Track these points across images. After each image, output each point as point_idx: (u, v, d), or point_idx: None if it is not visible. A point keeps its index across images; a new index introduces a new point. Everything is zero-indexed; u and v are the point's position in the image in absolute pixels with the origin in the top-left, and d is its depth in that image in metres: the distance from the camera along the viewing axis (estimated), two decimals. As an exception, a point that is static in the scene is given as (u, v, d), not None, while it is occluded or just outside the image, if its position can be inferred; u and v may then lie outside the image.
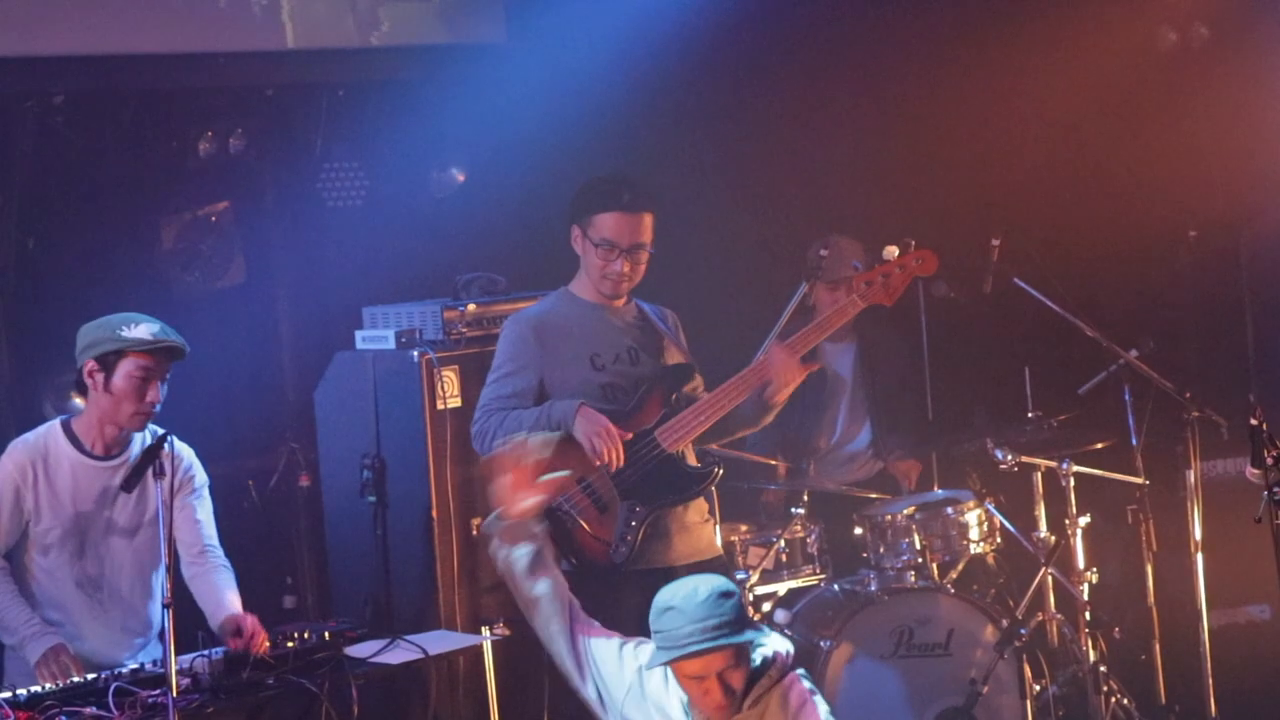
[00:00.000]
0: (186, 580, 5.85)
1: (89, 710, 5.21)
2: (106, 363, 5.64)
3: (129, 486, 5.60)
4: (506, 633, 6.70)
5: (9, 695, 5.24)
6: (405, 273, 7.72)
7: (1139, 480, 7.19)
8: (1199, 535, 7.10)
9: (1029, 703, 6.92)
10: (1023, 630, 6.89)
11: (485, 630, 6.63)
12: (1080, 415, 7.38)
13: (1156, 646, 7.22)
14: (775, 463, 7.40)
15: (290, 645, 5.56)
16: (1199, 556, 7.10)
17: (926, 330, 7.98)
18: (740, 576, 6.91)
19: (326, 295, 7.92)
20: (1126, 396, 7.18)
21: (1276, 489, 5.50)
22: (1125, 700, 7.08)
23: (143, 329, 5.65)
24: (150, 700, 5.25)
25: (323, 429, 7.26)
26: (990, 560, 7.43)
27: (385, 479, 6.96)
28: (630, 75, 7.89)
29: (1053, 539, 7.14)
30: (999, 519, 7.22)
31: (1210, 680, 7.12)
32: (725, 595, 4.87)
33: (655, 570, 5.75)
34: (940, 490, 7.53)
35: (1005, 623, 6.94)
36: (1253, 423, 5.56)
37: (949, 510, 7.20)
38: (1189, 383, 7.19)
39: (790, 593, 7.21)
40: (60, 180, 7.34)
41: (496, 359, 6.13)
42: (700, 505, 6.13)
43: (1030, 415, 7.41)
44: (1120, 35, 8.38)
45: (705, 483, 6.07)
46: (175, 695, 5.14)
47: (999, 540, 7.27)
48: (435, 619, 6.72)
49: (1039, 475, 7.25)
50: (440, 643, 6.03)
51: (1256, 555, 6.09)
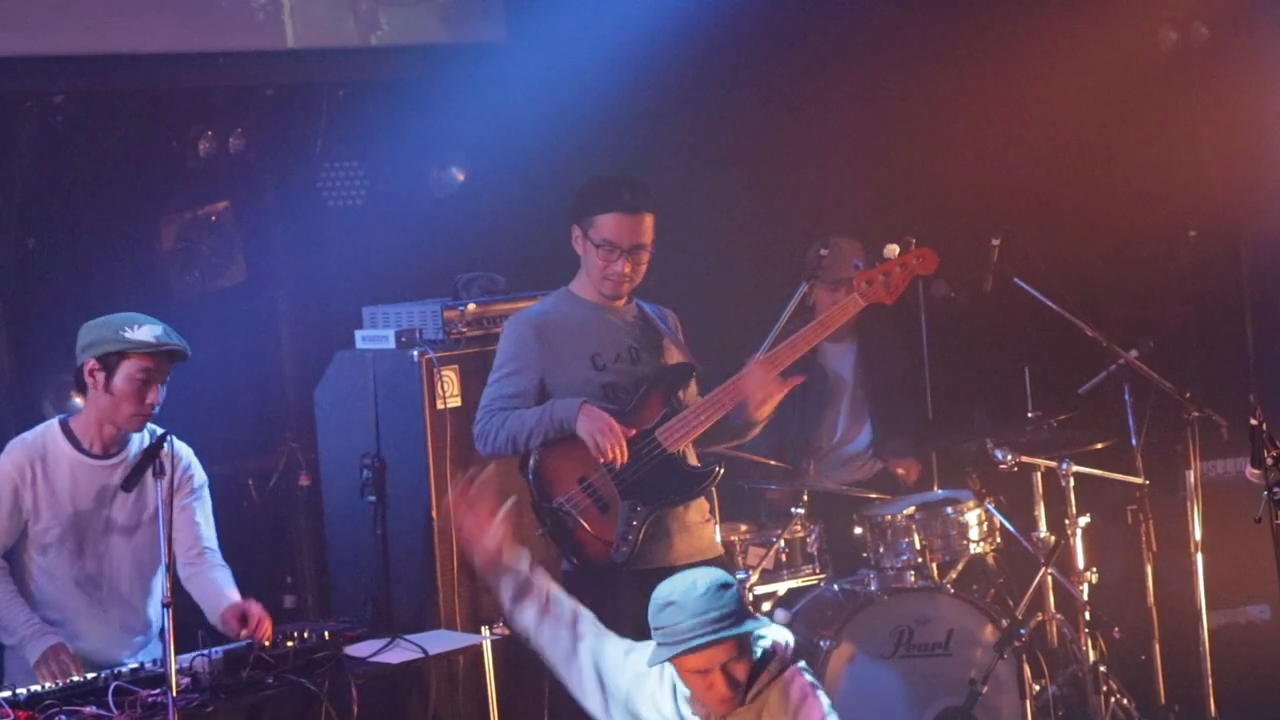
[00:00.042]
0: (183, 580, 5.83)
1: (89, 709, 5.20)
2: (108, 363, 5.63)
3: (129, 486, 5.59)
4: (506, 632, 6.68)
5: (9, 694, 5.23)
6: (405, 272, 7.72)
7: (1139, 480, 7.19)
8: (1199, 535, 7.10)
9: (1029, 703, 6.92)
10: (1022, 630, 6.89)
11: (485, 630, 6.62)
12: (1080, 415, 7.38)
13: (1156, 646, 7.21)
14: (775, 463, 7.39)
15: (290, 644, 5.55)
16: (1199, 556, 7.09)
17: (926, 330, 7.97)
18: (740, 576, 6.91)
19: (326, 295, 7.92)
20: (1126, 396, 7.18)
21: (1276, 489, 5.49)
22: (1125, 700, 7.08)
23: (146, 331, 5.64)
24: (150, 699, 5.25)
25: (323, 428, 7.26)
26: (990, 560, 7.43)
27: (385, 478, 6.95)
28: (630, 75, 7.88)
29: (1052, 539, 7.14)
30: (999, 519, 7.21)
31: (1210, 680, 7.11)
32: (724, 587, 4.86)
33: (656, 570, 5.72)
34: (940, 490, 7.52)
35: (1005, 623, 6.94)
36: (1253, 423, 5.55)
37: (949, 510, 7.20)
38: (1189, 383, 7.18)
39: (790, 592, 7.21)
40: (60, 180, 7.34)
41: (498, 359, 6.12)
42: (701, 505, 6.13)
43: (1030, 415, 7.41)
44: (1120, 35, 8.38)
45: (706, 482, 6.06)
46: (175, 694, 5.13)
47: (999, 540, 7.27)
48: (435, 618, 6.71)
49: (1039, 475, 7.25)
50: (440, 642, 6.03)
51: (1256, 555, 6.08)
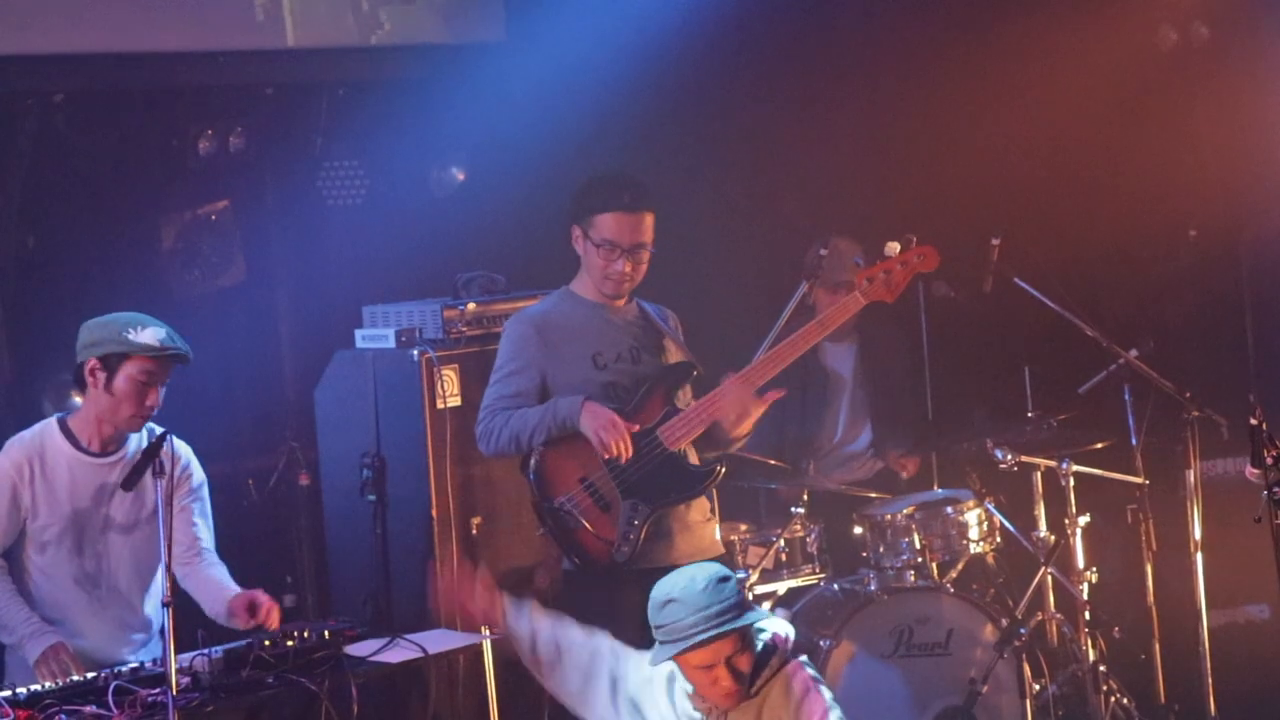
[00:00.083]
0: (178, 578, 5.81)
1: (89, 709, 5.20)
2: (109, 363, 5.63)
3: (129, 486, 5.59)
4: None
5: (9, 694, 5.23)
6: (405, 272, 7.71)
7: (1139, 480, 7.19)
8: (1199, 535, 7.10)
9: (1028, 702, 6.91)
10: (1022, 630, 6.89)
11: (485, 629, 6.61)
12: (1080, 415, 7.37)
13: (1156, 646, 7.22)
14: (775, 462, 7.39)
15: (290, 644, 5.54)
16: (1199, 556, 7.09)
17: (927, 330, 7.98)
18: (740, 575, 6.91)
19: (326, 294, 7.91)
20: (1126, 396, 7.18)
21: (1276, 488, 5.49)
22: (1125, 700, 7.08)
23: (149, 334, 5.63)
24: (150, 699, 5.24)
25: (323, 428, 7.25)
26: (990, 560, 7.42)
27: (385, 478, 6.95)
28: (630, 74, 7.88)
29: (1052, 538, 7.14)
30: (999, 518, 7.21)
31: (1210, 680, 7.11)
32: (723, 580, 4.87)
33: (657, 569, 5.68)
34: (940, 490, 7.52)
35: (1005, 622, 6.94)
36: (1252, 422, 5.55)
37: (949, 510, 7.20)
38: (1189, 382, 7.18)
39: (790, 592, 7.21)
40: (60, 179, 7.34)
41: (499, 359, 6.11)
42: (702, 504, 6.12)
43: (1030, 415, 7.41)
44: (1120, 35, 8.38)
45: (708, 481, 6.06)
46: (175, 694, 5.13)
47: (999, 540, 7.27)
48: (435, 618, 6.70)
49: (1039, 475, 7.25)
50: (440, 642, 6.02)
51: (1256, 555, 6.08)
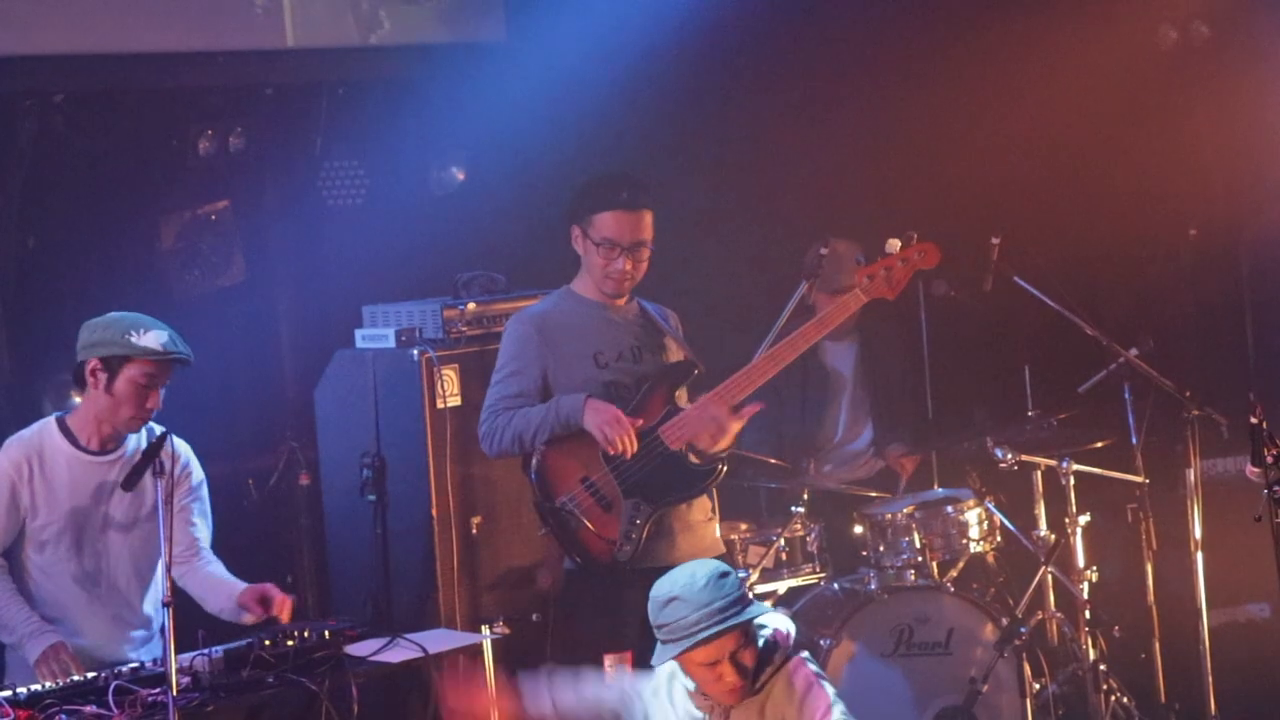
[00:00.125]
0: (177, 577, 5.81)
1: (89, 709, 5.20)
2: (111, 365, 5.62)
3: (129, 485, 5.59)
4: (506, 631, 6.69)
5: (9, 694, 5.23)
6: (405, 271, 7.71)
7: (1139, 479, 7.19)
8: (1199, 534, 7.09)
9: (1029, 701, 6.92)
10: (1022, 629, 6.89)
11: (485, 629, 6.61)
12: (1080, 414, 7.37)
13: (1156, 645, 7.22)
14: (775, 461, 7.39)
15: (290, 643, 5.55)
16: (1199, 555, 7.09)
17: (927, 329, 7.98)
18: (740, 574, 6.90)
19: (326, 294, 7.91)
20: (1126, 395, 7.18)
21: (1276, 487, 5.49)
22: (1125, 699, 7.08)
23: (152, 337, 5.62)
24: (150, 698, 5.25)
25: (323, 428, 7.26)
26: (990, 559, 7.43)
27: (385, 478, 6.95)
28: (630, 74, 7.88)
29: (1053, 538, 7.14)
30: (999, 518, 7.21)
31: (1210, 679, 7.11)
32: (724, 575, 4.89)
33: (659, 568, 5.66)
34: (940, 489, 7.52)
35: (1005, 621, 6.94)
36: (1253, 421, 5.55)
37: (949, 509, 7.20)
38: (1189, 381, 7.18)
39: (790, 591, 7.21)
40: (60, 179, 7.33)
41: (500, 359, 6.11)
42: (703, 503, 6.11)
43: (1030, 414, 7.42)
44: (1121, 34, 8.38)
45: (709, 480, 6.05)
46: (175, 693, 5.13)
47: (999, 539, 7.27)
48: (435, 617, 6.71)
49: (1039, 474, 7.25)
50: (440, 641, 6.02)
51: (1256, 554, 6.07)
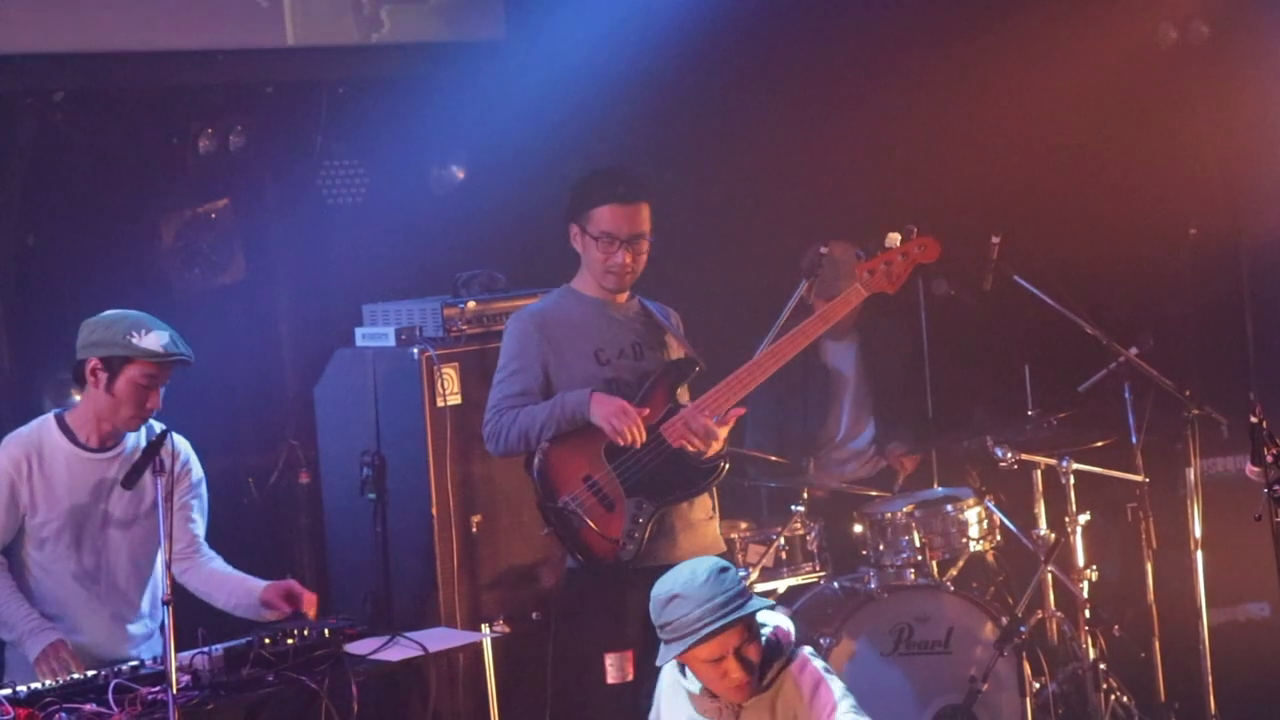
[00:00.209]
0: (177, 575, 5.82)
1: (89, 707, 5.20)
2: (111, 365, 5.62)
3: (130, 483, 5.59)
4: (506, 630, 6.71)
5: (9, 692, 5.24)
6: (405, 270, 7.71)
7: (1139, 478, 7.19)
8: (1199, 533, 7.09)
9: (1028, 700, 6.92)
10: (1022, 628, 6.89)
11: (485, 627, 6.62)
12: (1080, 413, 7.37)
13: (1156, 644, 7.21)
14: (776, 459, 7.39)
15: (290, 642, 5.55)
16: (1199, 554, 7.09)
17: (927, 328, 7.97)
18: (740, 573, 6.89)
19: (326, 292, 7.91)
20: (1126, 394, 7.17)
21: (1276, 486, 5.49)
22: (1125, 698, 7.08)
23: (153, 338, 5.62)
24: (150, 697, 5.25)
25: (323, 426, 7.25)
26: (990, 558, 7.43)
27: (385, 476, 6.95)
28: (629, 72, 7.88)
29: (1053, 537, 7.14)
30: (999, 516, 7.21)
31: (1210, 678, 7.11)
32: (724, 571, 4.89)
33: (660, 567, 5.64)
34: (940, 488, 7.52)
35: (1005, 620, 6.94)
36: (1253, 420, 5.55)
37: (949, 508, 7.20)
38: (1189, 380, 7.18)
39: (790, 590, 7.21)
40: (60, 177, 7.34)
41: (502, 358, 6.10)
42: (704, 501, 6.10)
43: (1030, 413, 7.41)
44: (1121, 33, 8.38)
45: (712, 478, 6.02)
46: (175, 692, 5.13)
47: (999, 538, 7.27)
48: (435, 616, 6.71)
49: (1039, 473, 7.24)
50: (440, 640, 6.02)
51: (1256, 553, 6.08)
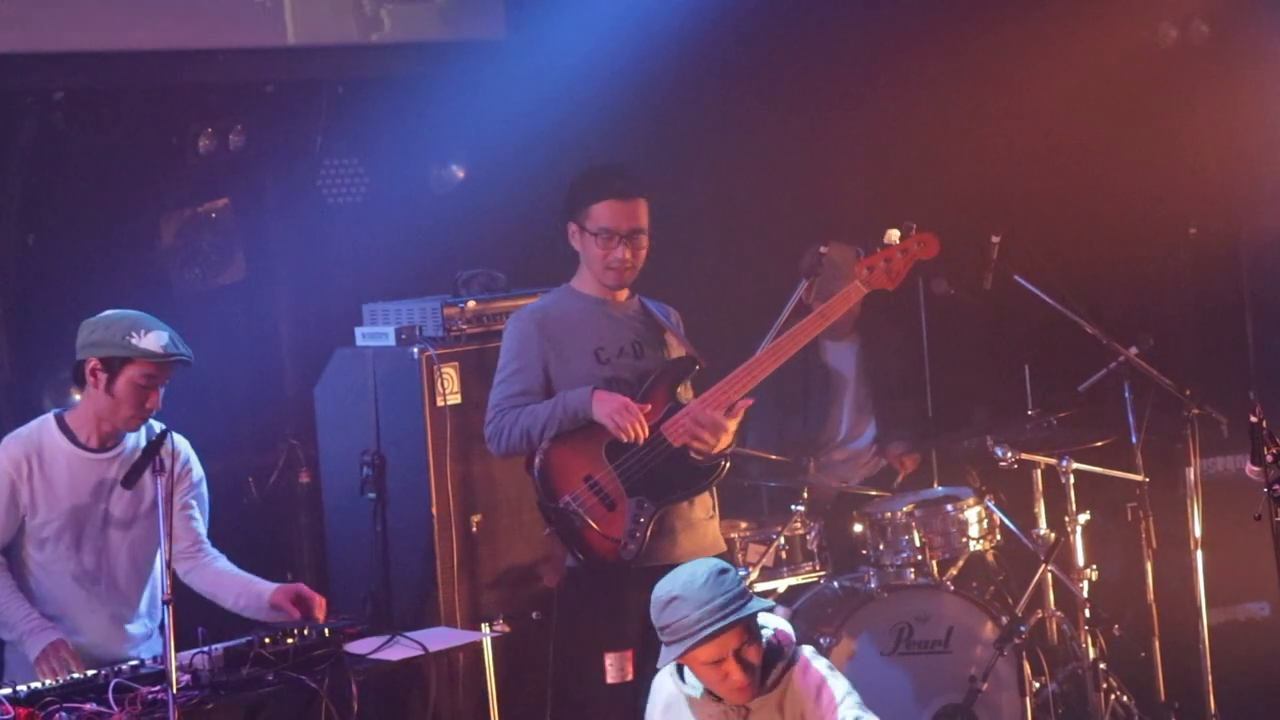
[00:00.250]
0: (182, 575, 5.84)
1: (89, 706, 5.20)
2: (111, 365, 5.62)
3: (130, 483, 5.60)
4: (506, 629, 6.71)
5: (9, 691, 5.24)
6: (405, 269, 7.71)
7: (1139, 477, 7.19)
8: (1199, 532, 7.10)
9: (1028, 700, 6.92)
10: (1022, 627, 6.89)
11: (485, 627, 6.62)
12: (1080, 412, 7.37)
13: (1156, 644, 7.21)
14: (776, 457, 7.39)
15: (290, 641, 5.55)
16: (1199, 554, 7.09)
17: (926, 327, 7.98)
18: (740, 573, 6.90)
19: (326, 292, 7.91)
20: (1126, 394, 7.17)
21: (1276, 486, 5.49)
22: (1125, 697, 7.08)
23: (152, 339, 5.62)
24: (150, 696, 5.25)
25: (323, 426, 7.25)
26: (990, 557, 7.43)
27: (385, 476, 6.95)
28: (629, 71, 7.87)
29: (1052, 536, 7.15)
30: (999, 516, 7.22)
31: (1210, 677, 7.11)
32: (723, 572, 4.89)
33: (661, 567, 5.64)
34: (940, 487, 7.52)
35: (1005, 620, 6.95)
36: (1253, 420, 5.54)
37: (949, 507, 7.20)
38: (1189, 380, 7.18)
39: (790, 589, 7.21)
40: (60, 177, 7.33)
41: (502, 358, 6.09)
42: (705, 501, 6.09)
43: (1030, 412, 7.41)
44: (1121, 32, 8.38)
45: (713, 477, 6.01)
46: (175, 691, 5.13)
47: (999, 537, 7.27)
48: (435, 615, 6.71)
49: (1039, 472, 7.24)
50: (440, 639, 6.02)
51: (1256, 552, 6.07)
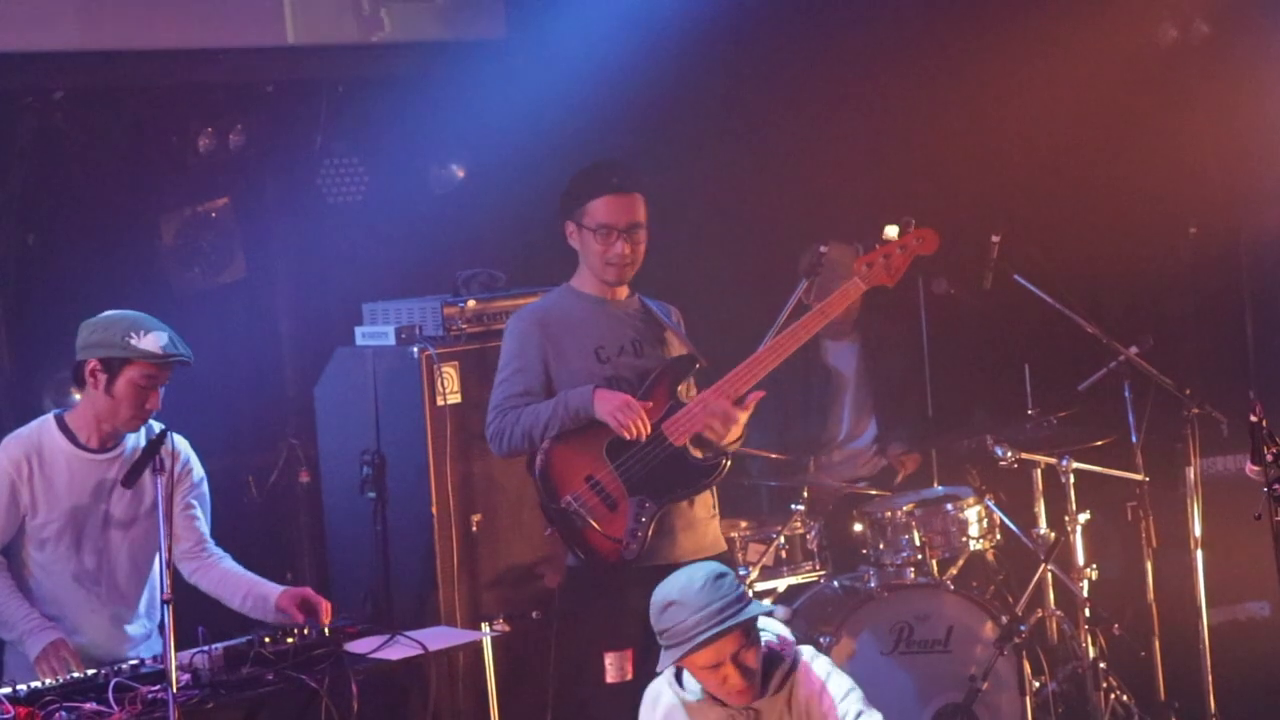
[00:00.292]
0: (188, 574, 5.86)
1: (89, 706, 5.20)
2: (110, 366, 5.62)
3: (129, 483, 5.59)
4: (506, 629, 6.71)
5: (9, 691, 5.24)
6: (405, 269, 7.71)
7: (1139, 477, 7.19)
8: (1199, 532, 7.09)
9: (1028, 699, 6.92)
10: (1022, 627, 6.89)
11: (485, 626, 6.63)
12: (1080, 412, 7.37)
13: (1156, 643, 7.21)
14: (776, 456, 7.40)
15: (290, 641, 5.55)
16: (1199, 553, 7.09)
17: (927, 327, 7.98)
18: (740, 572, 6.91)
19: (326, 291, 7.91)
20: (1126, 393, 7.17)
21: (1276, 485, 5.49)
22: (1125, 697, 7.08)
23: (151, 339, 5.61)
24: (150, 695, 5.25)
25: (323, 425, 7.26)
26: (990, 557, 7.43)
27: (385, 475, 6.95)
28: (630, 71, 7.87)
29: (1052, 536, 7.15)
30: (999, 515, 7.22)
31: (1210, 677, 7.10)
32: (720, 576, 4.89)
33: (662, 566, 5.63)
34: (940, 487, 7.52)
35: (1005, 619, 6.95)
36: (1252, 419, 5.54)
37: (949, 507, 7.20)
38: (1189, 379, 7.18)
39: (790, 589, 7.21)
40: (60, 176, 7.34)
41: (503, 357, 6.08)
42: (706, 500, 6.08)
43: (1030, 412, 7.41)
44: (1121, 31, 8.37)
45: (714, 475, 5.99)
46: (175, 690, 5.14)
47: (999, 537, 7.27)
48: (435, 615, 6.71)
49: (1039, 472, 7.24)
50: (440, 639, 6.02)
51: (1256, 552, 6.07)
